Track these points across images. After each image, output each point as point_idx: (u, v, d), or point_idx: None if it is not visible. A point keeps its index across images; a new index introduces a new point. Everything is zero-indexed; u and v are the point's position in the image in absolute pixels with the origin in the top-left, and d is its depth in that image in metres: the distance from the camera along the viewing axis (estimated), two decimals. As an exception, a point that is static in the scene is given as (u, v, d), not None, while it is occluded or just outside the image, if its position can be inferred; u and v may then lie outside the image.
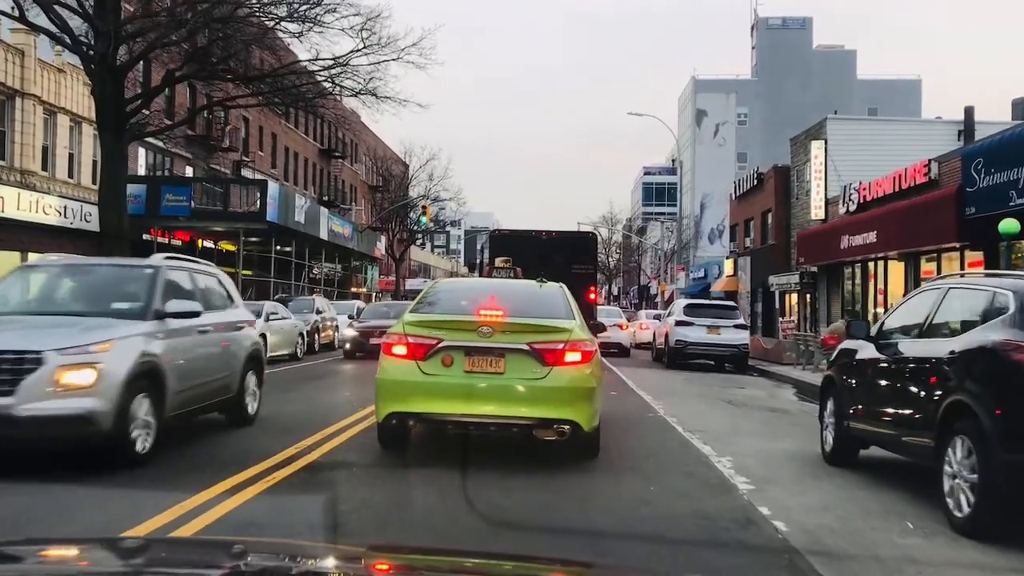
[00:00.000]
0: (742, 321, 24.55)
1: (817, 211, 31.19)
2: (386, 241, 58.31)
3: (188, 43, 22.44)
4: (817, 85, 71.60)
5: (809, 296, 33.24)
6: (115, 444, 6.99)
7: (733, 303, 30.51)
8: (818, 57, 76.74)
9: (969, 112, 32.61)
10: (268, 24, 22.46)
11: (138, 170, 31.33)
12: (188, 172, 35.04)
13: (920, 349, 6.94)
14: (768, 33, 77.99)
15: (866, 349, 7.91)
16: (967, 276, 7.17)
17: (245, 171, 40.07)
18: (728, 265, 45.14)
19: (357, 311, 28.65)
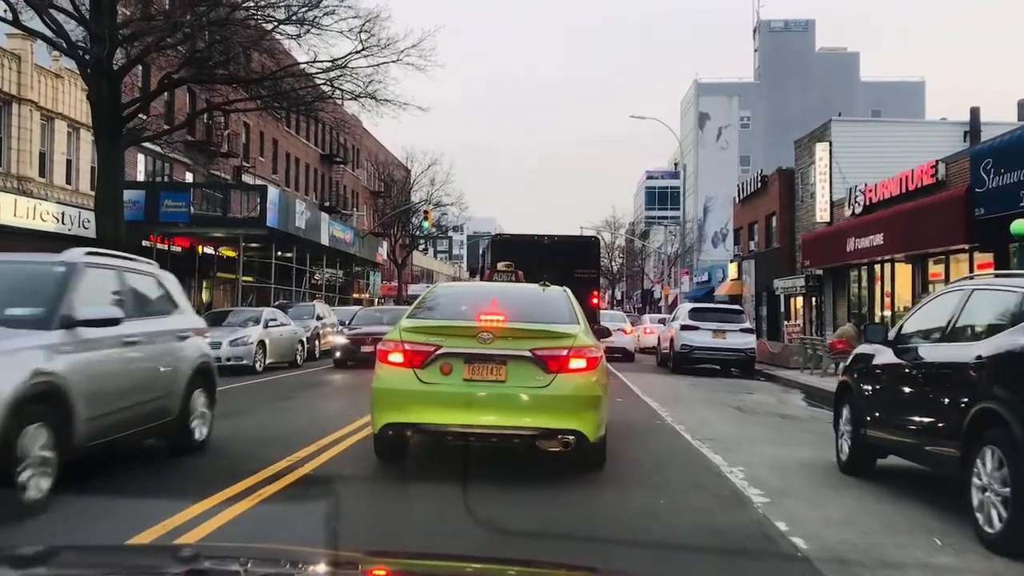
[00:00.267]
0: (748, 325, 24.21)
1: (822, 214, 30.89)
2: (388, 247, 58.10)
3: (185, 46, 22.18)
4: (820, 88, 71.31)
5: (814, 299, 32.95)
6: None
7: (739, 307, 30.21)
8: (821, 60, 76.43)
9: (975, 113, 32.35)
10: (266, 27, 22.20)
11: (137, 176, 31.13)
12: (188, 178, 34.83)
13: (943, 354, 6.61)
14: (770, 36, 77.73)
15: (883, 354, 7.58)
16: (992, 277, 6.80)
17: (246, 177, 39.86)
18: (732, 269, 44.85)
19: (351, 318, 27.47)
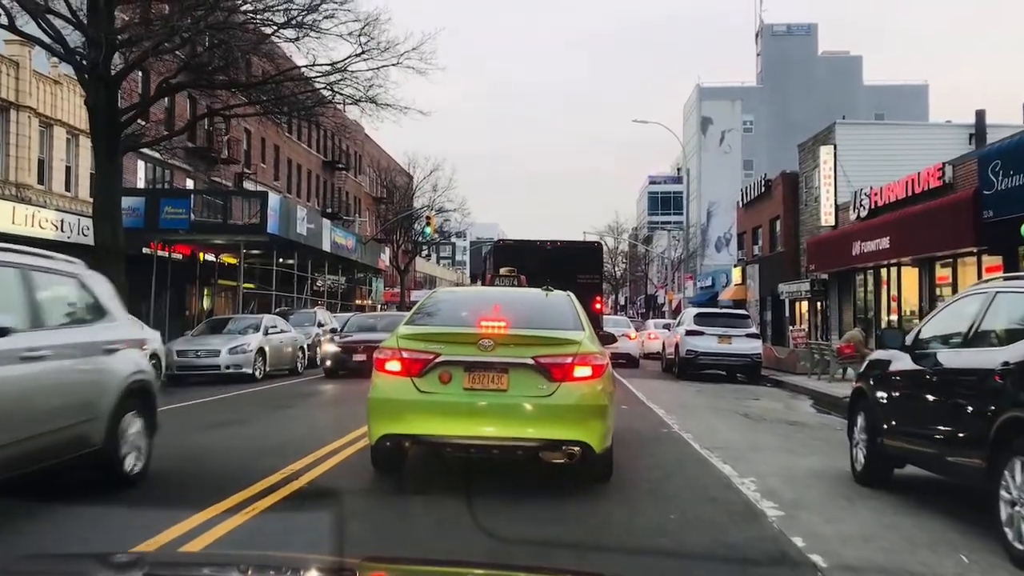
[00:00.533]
0: (754, 330, 23.94)
1: (827, 217, 30.63)
2: (390, 253, 57.88)
3: (183, 51, 21.97)
4: (823, 91, 71.02)
5: (820, 304, 32.67)
6: None
7: (745, 311, 29.92)
8: (823, 63, 76.20)
9: (980, 115, 32.13)
10: (266, 31, 21.98)
11: (137, 183, 30.94)
12: (189, 185, 34.63)
13: (965, 360, 6.32)
14: (773, 40, 77.52)
15: (900, 360, 7.28)
16: (1017, 279, 6.51)
17: (247, 183, 39.68)
18: (736, 273, 44.57)
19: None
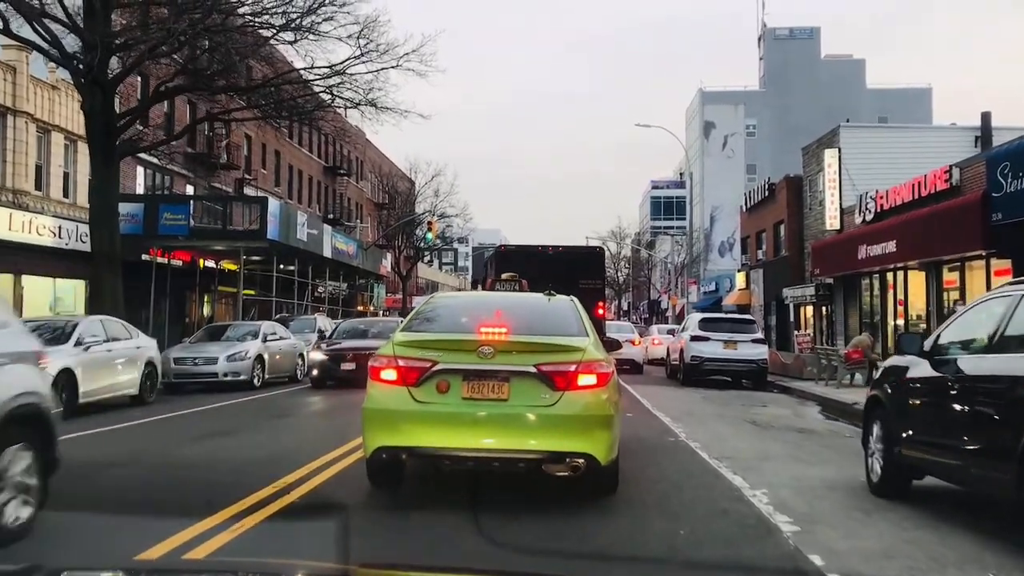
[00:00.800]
0: (760, 335, 23.62)
1: (832, 221, 30.33)
2: (392, 258, 57.63)
3: (181, 54, 21.74)
4: (826, 95, 70.82)
5: (825, 309, 32.34)
6: None
7: (750, 316, 29.60)
8: (826, 67, 76.05)
9: (986, 117, 31.85)
10: (264, 34, 21.76)
11: (137, 189, 30.70)
12: (188, 191, 34.40)
13: (990, 366, 6.02)
14: (776, 44, 77.38)
15: (919, 366, 6.98)
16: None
17: (248, 189, 39.45)
18: (740, 278, 44.24)
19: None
